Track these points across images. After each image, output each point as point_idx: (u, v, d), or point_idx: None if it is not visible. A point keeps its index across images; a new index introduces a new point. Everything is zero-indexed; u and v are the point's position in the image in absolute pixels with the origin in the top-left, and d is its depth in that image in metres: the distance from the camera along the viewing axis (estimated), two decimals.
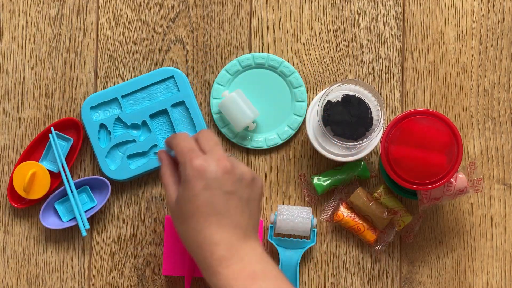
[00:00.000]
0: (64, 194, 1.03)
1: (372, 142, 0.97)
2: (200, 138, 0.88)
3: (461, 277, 1.03)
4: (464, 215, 1.04)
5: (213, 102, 1.04)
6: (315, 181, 1.02)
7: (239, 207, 0.85)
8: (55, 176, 1.03)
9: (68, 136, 1.03)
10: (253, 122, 1.03)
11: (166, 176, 0.89)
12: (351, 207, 1.02)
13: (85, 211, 1.03)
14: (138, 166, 1.02)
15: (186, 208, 0.84)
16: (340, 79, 1.05)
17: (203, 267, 0.84)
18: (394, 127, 0.93)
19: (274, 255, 1.03)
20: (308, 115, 0.98)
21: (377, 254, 1.03)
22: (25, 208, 1.04)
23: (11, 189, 1.03)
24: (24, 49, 1.05)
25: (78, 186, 1.03)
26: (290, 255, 1.02)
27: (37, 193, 1.01)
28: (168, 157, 0.91)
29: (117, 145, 1.03)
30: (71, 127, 1.04)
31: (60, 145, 1.03)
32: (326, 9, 1.05)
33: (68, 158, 1.03)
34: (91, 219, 1.04)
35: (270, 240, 1.02)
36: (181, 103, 1.03)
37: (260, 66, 1.04)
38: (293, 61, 1.05)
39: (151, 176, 1.04)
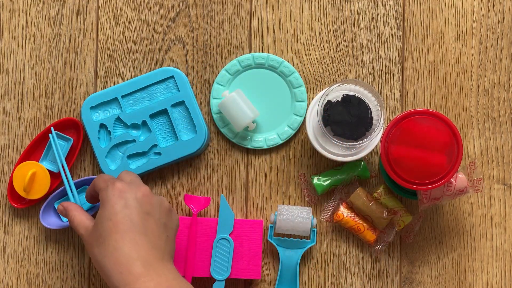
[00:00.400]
0: (64, 194, 1.03)
1: (372, 142, 0.97)
2: (121, 175, 0.92)
3: (461, 277, 1.03)
4: (464, 215, 1.04)
5: (213, 102, 1.04)
6: (315, 181, 1.02)
7: (156, 229, 0.88)
8: (55, 176, 1.03)
9: (68, 136, 1.03)
10: (253, 122, 1.03)
11: (76, 217, 0.92)
12: (351, 207, 1.02)
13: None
14: (138, 166, 1.02)
15: (105, 227, 0.86)
16: (340, 79, 1.05)
17: (118, 284, 0.83)
18: (394, 127, 0.93)
19: (274, 255, 1.03)
20: (308, 115, 0.98)
21: (377, 254, 1.03)
22: (25, 208, 1.04)
23: (11, 189, 1.03)
24: (24, 49, 1.05)
25: (78, 186, 1.03)
26: (290, 255, 1.02)
27: (37, 193, 1.01)
28: (70, 203, 0.95)
29: (117, 145, 1.03)
30: (71, 127, 1.04)
31: (60, 145, 1.03)
32: (326, 9, 1.05)
33: (68, 158, 1.03)
34: None
35: (270, 240, 1.02)
36: (181, 103, 1.03)
37: (260, 66, 1.04)
38: (293, 61, 1.05)
39: (151, 176, 1.04)
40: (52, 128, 1.02)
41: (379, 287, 1.03)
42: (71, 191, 1.01)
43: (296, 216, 1.00)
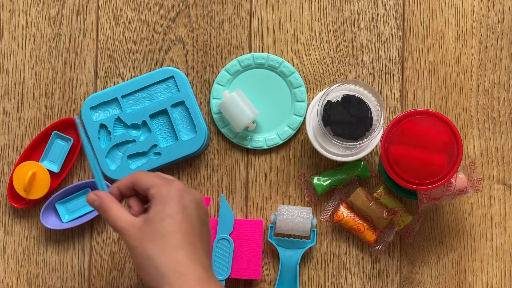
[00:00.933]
0: (65, 195, 1.03)
1: (372, 142, 0.97)
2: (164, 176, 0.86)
3: (461, 277, 1.03)
4: (464, 215, 1.04)
5: (213, 102, 1.04)
6: (315, 181, 1.02)
7: (206, 238, 0.83)
8: (55, 176, 1.03)
9: (68, 136, 1.03)
10: (253, 122, 1.03)
11: (115, 207, 0.83)
12: (351, 207, 1.02)
13: (87, 213, 1.03)
14: (138, 166, 1.02)
15: (165, 224, 0.80)
16: (340, 79, 1.05)
17: (175, 285, 0.78)
18: (394, 127, 0.93)
19: (274, 255, 1.03)
20: (308, 115, 0.98)
21: (377, 254, 1.03)
22: (25, 208, 1.04)
23: (11, 189, 1.03)
24: (24, 49, 1.05)
25: (79, 188, 1.03)
26: (290, 255, 1.02)
27: (37, 193, 1.01)
28: (108, 194, 0.85)
29: (117, 145, 1.03)
30: (71, 127, 1.04)
31: (60, 145, 1.03)
32: (326, 9, 1.05)
33: (68, 158, 1.03)
34: (91, 220, 1.04)
35: (270, 240, 1.02)
36: (181, 103, 1.03)
37: (260, 66, 1.04)
38: (293, 61, 1.05)
39: None
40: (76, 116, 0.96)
41: (379, 287, 1.03)
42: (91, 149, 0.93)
43: (296, 216, 1.00)
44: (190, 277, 0.78)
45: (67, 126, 1.04)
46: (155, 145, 1.03)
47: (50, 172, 1.02)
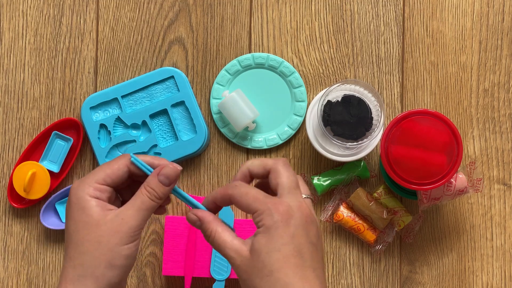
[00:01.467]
0: (65, 195, 1.03)
1: (372, 142, 0.97)
2: (274, 174, 0.77)
3: (461, 277, 1.03)
4: (464, 215, 1.04)
5: (213, 102, 1.04)
6: (315, 181, 1.02)
7: (320, 261, 0.74)
8: (55, 176, 1.03)
9: (68, 136, 1.03)
10: (253, 122, 1.03)
11: (223, 233, 0.74)
12: (351, 207, 1.02)
13: None
14: None
15: (273, 259, 0.72)
16: (340, 79, 1.05)
17: None
18: (394, 127, 0.93)
19: None
20: (308, 115, 0.98)
21: (377, 254, 1.03)
22: (25, 208, 1.04)
23: (11, 189, 1.03)
24: (24, 49, 1.05)
25: None
26: None
27: (37, 193, 1.01)
28: (208, 213, 0.76)
29: (117, 145, 1.03)
30: (71, 127, 1.04)
31: (60, 145, 1.03)
32: (326, 9, 1.05)
33: (68, 158, 1.03)
34: None
35: None
36: (181, 103, 1.03)
37: (260, 66, 1.04)
38: (293, 61, 1.05)
39: None
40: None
41: (379, 287, 1.03)
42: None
43: None
44: None
45: (67, 126, 1.04)
46: (155, 145, 1.03)
47: (50, 172, 1.02)
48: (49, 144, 1.03)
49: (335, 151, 0.98)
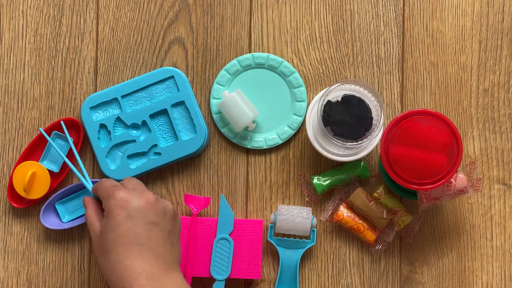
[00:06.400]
0: (65, 195, 1.03)
1: (372, 142, 0.97)
2: (123, 182, 0.91)
3: (461, 277, 1.03)
4: (464, 215, 1.04)
5: (213, 102, 1.04)
6: (315, 181, 1.02)
7: (161, 238, 0.86)
8: (55, 176, 1.03)
9: (63, 134, 1.03)
10: (253, 122, 1.03)
11: (90, 216, 0.90)
12: (351, 207, 1.02)
13: None
14: (138, 166, 1.02)
15: (108, 238, 0.84)
16: (340, 79, 1.05)
17: None
18: (394, 127, 0.93)
19: (274, 255, 1.03)
20: (308, 115, 0.98)
21: (377, 254, 1.03)
22: (25, 208, 1.04)
23: (11, 189, 1.03)
24: (24, 49, 1.05)
25: (79, 188, 1.03)
26: (290, 255, 1.02)
27: (37, 193, 1.01)
28: (92, 200, 0.92)
29: (117, 145, 1.03)
30: (71, 127, 1.04)
31: (59, 145, 1.03)
32: (326, 9, 1.05)
33: (68, 158, 1.03)
34: None
35: (270, 240, 1.02)
36: (181, 103, 1.03)
37: (260, 66, 1.04)
38: (293, 61, 1.05)
39: (151, 176, 1.04)
40: (62, 122, 1.02)
41: (379, 287, 1.03)
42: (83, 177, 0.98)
43: (296, 216, 1.00)
44: (133, 284, 0.82)
45: (66, 126, 1.03)
46: (155, 145, 1.03)
47: (50, 172, 1.02)
48: (48, 144, 1.03)
49: (335, 151, 0.98)
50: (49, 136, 1.03)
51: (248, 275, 1.01)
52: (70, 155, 1.03)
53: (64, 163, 1.03)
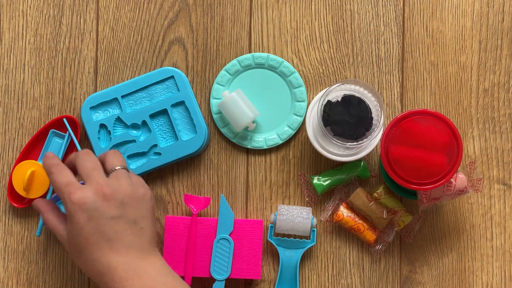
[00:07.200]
0: None
1: (372, 142, 0.97)
2: (78, 162, 0.90)
3: (461, 277, 1.03)
4: (464, 215, 1.04)
5: (213, 102, 1.04)
6: (315, 181, 1.02)
7: (127, 228, 0.87)
8: None
9: (65, 134, 1.03)
10: (253, 122, 1.03)
11: (50, 221, 0.90)
12: (351, 207, 1.02)
13: None
14: (138, 166, 1.02)
15: (77, 242, 0.86)
16: (340, 79, 1.05)
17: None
18: (394, 127, 0.93)
19: (274, 255, 1.03)
20: (308, 115, 0.98)
21: (377, 254, 1.03)
22: (25, 208, 1.04)
23: (11, 188, 1.03)
24: (24, 49, 1.05)
25: None
26: (290, 255, 1.02)
27: (36, 192, 1.01)
28: (44, 202, 0.93)
29: (117, 145, 1.03)
30: (69, 125, 1.03)
31: (57, 143, 1.03)
32: (326, 9, 1.05)
33: (66, 156, 1.03)
34: None
35: (270, 240, 1.02)
36: (181, 103, 1.03)
37: (260, 66, 1.04)
38: (293, 61, 1.05)
39: (151, 176, 1.04)
40: (64, 119, 1.02)
41: (379, 287, 1.03)
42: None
43: (296, 216, 1.00)
44: (113, 284, 0.85)
45: (64, 124, 1.03)
46: (155, 145, 1.03)
47: None
48: (46, 142, 1.03)
49: (335, 151, 0.98)
50: (46, 135, 1.03)
51: (248, 275, 1.01)
52: (68, 153, 1.03)
53: (63, 161, 1.03)
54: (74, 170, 0.91)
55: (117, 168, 0.89)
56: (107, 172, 0.89)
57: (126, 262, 0.85)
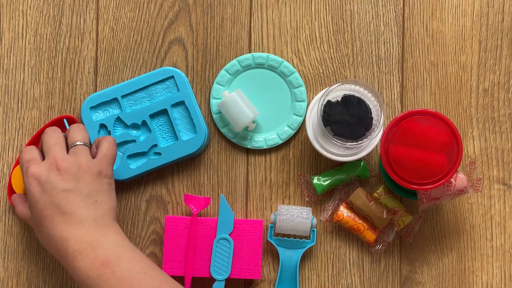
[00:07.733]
0: None
1: (372, 142, 0.97)
2: (42, 138, 0.93)
3: (461, 277, 1.03)
4: (464, 215, 1.04)
5: (213, 102, 1.04)
6: (315, 181, 1.02)
7: (81, 201, 0.88)
8: None
9: (64, 134, 1.02)
10: (253, 122, 1.03)
11: (20, 212, 0.95)
12: (351, 207, 1.02)
13: None
14: (138, 166, 1.02)
15: (35, 216, 0.89)
16: (340, 79, 1.05)
17: (64, 265, 0.88)
18: (394, 127, 0.93)
19: (274, 255, 1.03)
20: (308, 115, 0.98)
21: (377, 254, 1.03)
22: None
23: (10, 189, 1.03)
24: (24, 49, 1.05)
25: None
26: (290, 255, 1.02)
27: None
28: (17, 196, 0.98)
29: (117, 145, 1.03)
30: (69, 125, 1.03)
31: None
32: (326, 9, 1.05)
33: None
34: None
35: (270, 240, 1.02)
36: (181, 103, 1.03)
37: (260, 66, 1.04)
38: (293, 61, 1.05)
39: (151, 176, 1.04)
40: (65, 119, 1.02)
41: (379, 287, 1.03)
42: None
43: (296, 216, 1.00)
44: (67, 258, 0.86)
45: (64, 124, 1.03)
46: (155, 145, 1.03)
47: None
48: None
49: (335, 151, 0.98)
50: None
51: (248, 275, 1.01)
52: None
53: None
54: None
55: (77, 143, 0.92)
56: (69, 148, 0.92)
57: (79, 235, 0.87)
